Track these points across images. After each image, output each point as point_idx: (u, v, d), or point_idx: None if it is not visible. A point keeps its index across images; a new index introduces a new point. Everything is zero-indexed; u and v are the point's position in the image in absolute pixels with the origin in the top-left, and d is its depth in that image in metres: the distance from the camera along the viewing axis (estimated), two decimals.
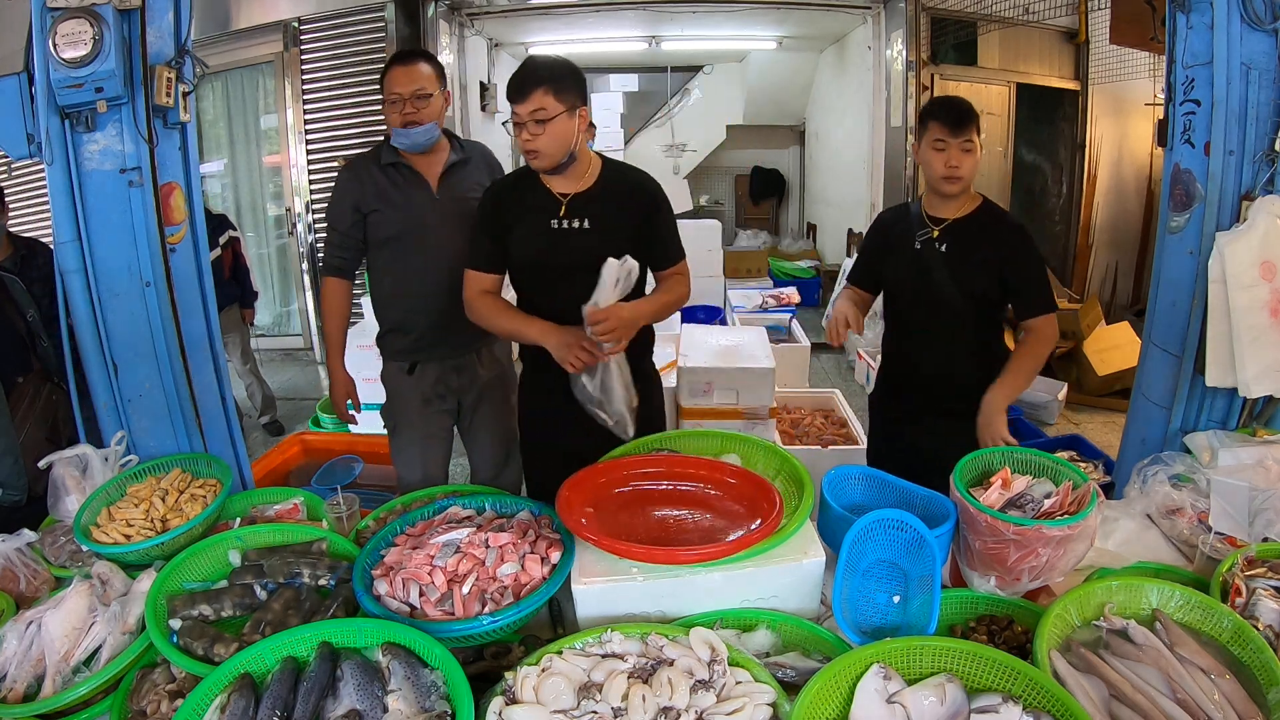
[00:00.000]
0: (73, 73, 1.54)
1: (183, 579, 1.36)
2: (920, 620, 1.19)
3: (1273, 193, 1.70)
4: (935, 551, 1.24)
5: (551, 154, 1.64)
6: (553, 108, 1.59)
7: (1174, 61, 1.83)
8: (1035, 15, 5.30)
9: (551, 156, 1.64)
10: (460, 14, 5.63)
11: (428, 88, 1.94)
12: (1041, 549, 1.26)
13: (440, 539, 1.33)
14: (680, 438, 1.72)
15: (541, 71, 1.60)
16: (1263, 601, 1.24)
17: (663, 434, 1.76)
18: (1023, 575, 1.29)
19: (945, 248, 1.88)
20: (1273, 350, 1.74)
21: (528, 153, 1.64)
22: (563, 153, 1.65)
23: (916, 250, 1.92)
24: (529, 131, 1.61)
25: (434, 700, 1.02)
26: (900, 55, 5.22)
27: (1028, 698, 1.00)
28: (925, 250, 1.91)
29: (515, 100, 1.61)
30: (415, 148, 1.98)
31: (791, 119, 8.31)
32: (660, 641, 1.13)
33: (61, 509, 1.56)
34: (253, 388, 4.27)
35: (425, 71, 1.96)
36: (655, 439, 1.70)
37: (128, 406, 1.76)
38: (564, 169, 1.70)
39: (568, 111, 1.61)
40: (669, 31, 6.57)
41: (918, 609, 1.22)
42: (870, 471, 1.57)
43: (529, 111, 1.60)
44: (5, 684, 1.18)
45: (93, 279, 1.67)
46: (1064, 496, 1.34)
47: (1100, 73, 5.36)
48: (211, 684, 1.05)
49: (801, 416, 3.50)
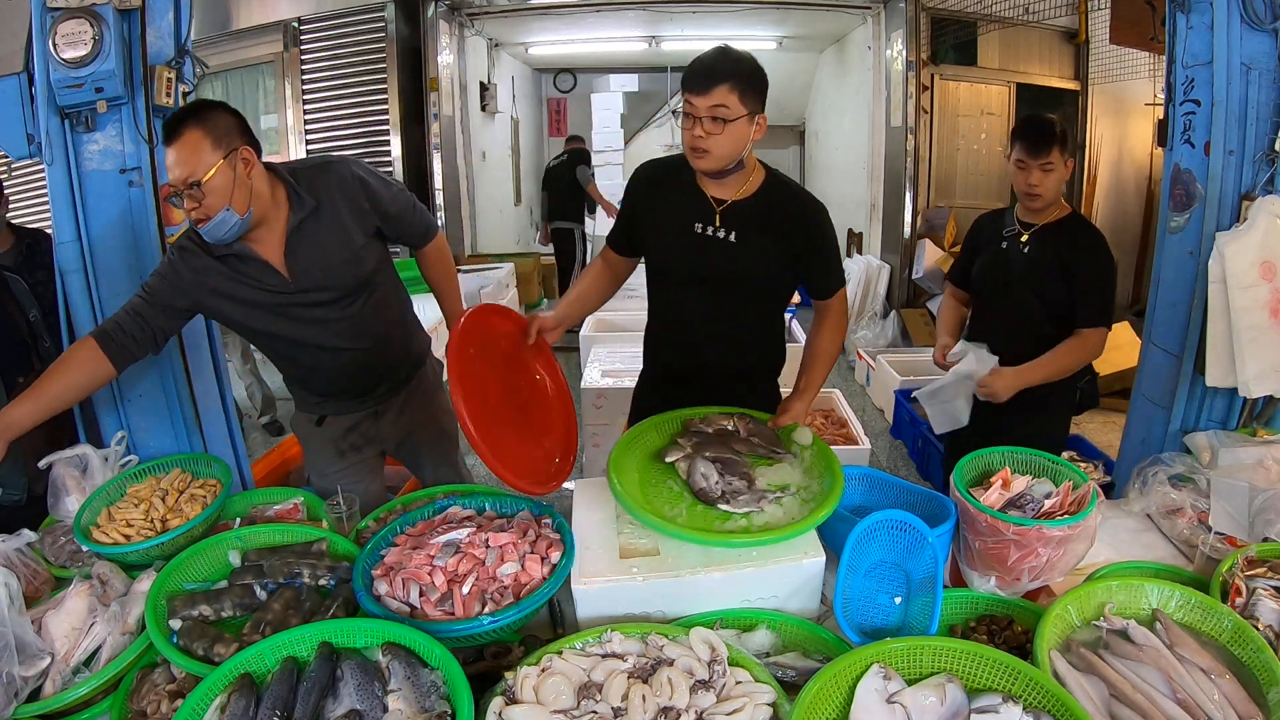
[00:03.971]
0: (73, 73, 1.54)
1: (183, 579, 1.36)
2: (921, 621, 1.19)
3: (1273, 193, 1.70)
4: (937, 552, 1.24)
5: (721, 157, 1.50)
6: (735, 109, 1.45)
7: (1174, 61, 1.83)
8: (1035, 15, 5.30)
9: (720, 160, 1.50)
10: (460, 14, 5.64)
11: (199, 170, 1.39)
12: (1041, 549, 1.26)
13: (440, 539, 1.32)
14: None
15: (732, 66, 1.45)
16: (1263, 601, 1.24)
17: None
18: (1023, 575, 1.29)
19: (1028, 250, 1.96)
20: (1273, 350, 1.74)
21: (694, 150, 1.50)
22: (733, 158, 1.52)
23: (1002, 249, 2.01)
24: (703, 128, 1.46)
25: (434, 700, 1.02)
26: (900, 55, 5.22)
27: (1028, 698, 1.00)
28: (1010, 250, 1.99)
29: (695, 91, 1.45)
30: (222, 242, 1.50)
31: (791, 119, 8.32)
32: (660, 641, 1.13)
33: (61, 509, 1.56)
34: (253, 388, 4.27)
35: (195, 145, 1.40)
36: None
37: (128, 406, 1.76)
38: (726, 174, 1.58)
39: (748, 117, 1.48)
40: (669, 31, 6.58)
41: (919, 610, 1.22)
42: (870, 471, 1.57)
43: (708, 106, 1.44)
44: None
45: (93, 279, 1.67)
46: (1064, 496, 1.34)
47: (1100, 73, 5.36)
48: (211, 684, 1.05)
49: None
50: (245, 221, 1.48)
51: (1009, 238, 2.00)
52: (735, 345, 1.73)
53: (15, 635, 1.17)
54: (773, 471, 1.47)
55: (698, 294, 1.68)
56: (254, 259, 1.55)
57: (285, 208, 1.55)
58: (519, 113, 7.93)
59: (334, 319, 1.65)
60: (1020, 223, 2.00)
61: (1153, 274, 1.98)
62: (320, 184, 1.58)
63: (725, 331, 1.71)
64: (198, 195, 1.41)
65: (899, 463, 3.77)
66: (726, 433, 1.56)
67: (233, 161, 1.43)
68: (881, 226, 5.89)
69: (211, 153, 1.41)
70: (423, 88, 5.42)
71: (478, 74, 6.28)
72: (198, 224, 1.45)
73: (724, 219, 1.61)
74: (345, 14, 5.08)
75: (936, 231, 5.43)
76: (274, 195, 1.54)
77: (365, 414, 1.86)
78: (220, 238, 1.47)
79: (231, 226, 1.46)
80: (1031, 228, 1.97)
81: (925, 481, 3.40)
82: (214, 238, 1.47)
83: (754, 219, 1.61)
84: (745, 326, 1.72)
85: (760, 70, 1.52)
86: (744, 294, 1.66)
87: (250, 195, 1.47)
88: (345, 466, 1.87)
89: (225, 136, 1.43)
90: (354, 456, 1.88)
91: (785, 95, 7.86)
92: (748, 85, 1.46)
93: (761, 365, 1.79)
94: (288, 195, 1.55)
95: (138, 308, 1.52)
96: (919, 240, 5.44)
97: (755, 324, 1.74)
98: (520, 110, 7.99)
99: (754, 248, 1.61)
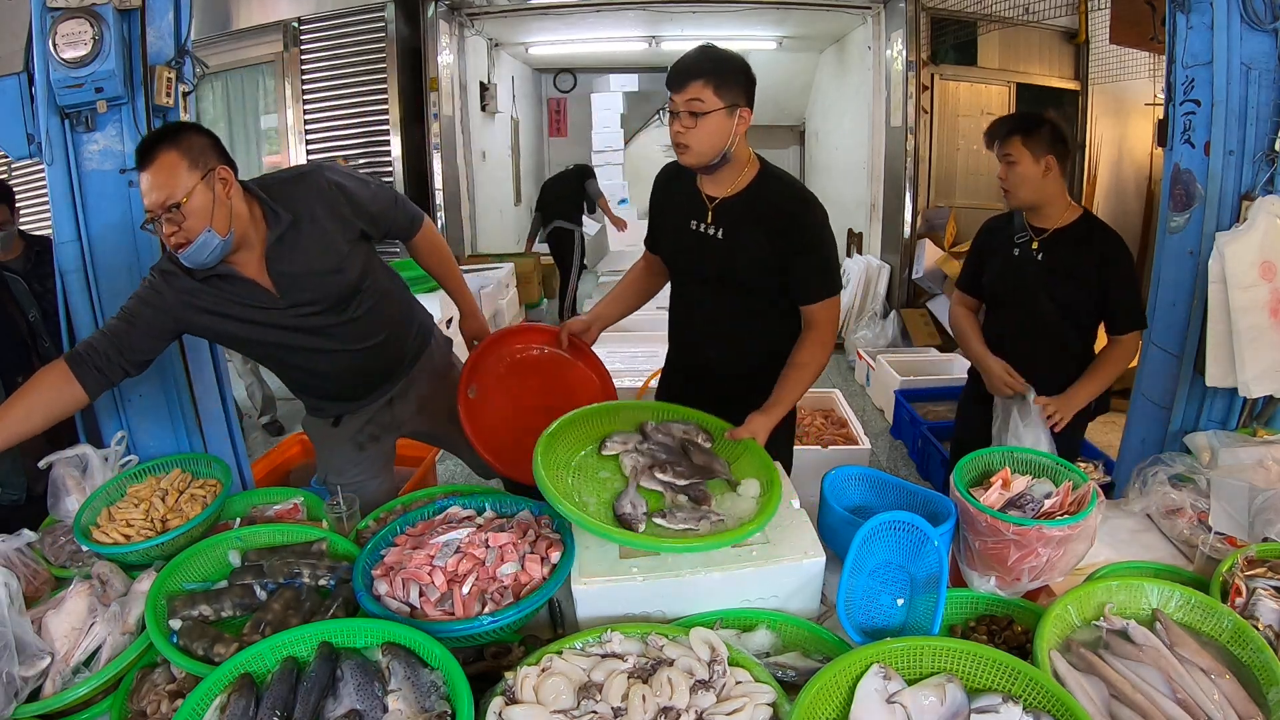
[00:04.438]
0: (73, 73, 1.54)
1: (183, 579, 1.36)
2: (924, 622, 1.19)
3: (1273, 193, 1.70)
4: (942, 554, 1.24)
5: (700, 151, 1.53)
6: (710, 102, 1.48)
7: (1174, 61, 1.83)
8: (1035, 15, 5.29)
9: (700, 154, 1.53)
10: (460, 14, 5.64)
11: (176, 192, 1.36)
12: (1041, 549, 1.26)
13: (440, 539, 1.32)
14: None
15: (705, 62, 1.49)
16: (1263, 601, 1.24)
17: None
18: (1023, 575, 1.29)
19: (1042, 257, 1.89)
20: (1273, 350, 1.74)
21: (677, 146, 1.54)
22: (714, 153, 1.53)
23: (1015, 257, 1.94)
24: (681, 124, 1.51)
25: (434, 700, 1.02)
26: (900, 55, 5.22)
27: (1028, 698, 1.00)
28: (1023, 257, 1.92)
29: (672, 88, 1.51)
30: (204, 266, 1.47)
31: (791, 119, 8.32)
32: (660, 641, 1.13)
33: (61, 509, 1.56)
34: (253, 388, 4.27)
35: (171, 167, 1.37)
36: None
37: (128, 406, 1.76)
38: (714, 170, 1.59)
39: (726, 109, 1.49)
40: (669, 31, 6.58)
41: (922, 610, 1.22)
42: (869, 472, 1.57)
43: (684, 101, 1.49)
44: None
45: (93, 279, 1.67)
46: (1064, 496, 1.34)
47: (1100, 73, 5.35)
48: (211, 684, 1.05)
49: (802, 417, 3.50)
50: (227, 243, 1.44)
51: (1021, 244, 1.93)
52: (735, 345, 1.72)
53: (15, 635, 1.17)
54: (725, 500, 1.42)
55: (698, 292, 1.70)
56: (239, 278, 1.52)
57: (262, 224, 1.52)
58: (519, 113, 7.93)
59: (331, 325, 1.63)
60: (1031, 228, 1.92)
61: (1153, 274, 1.98)
62: (296, 196, 1.54)
63: (725, 331, 1.71)
64: (177, 218, 1.36)
65: (899, 463, 3.77)
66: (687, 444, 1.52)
67: (210, 182, 1.40)
68: (881, 226, 5.89)
69: (189, 174, 1.37)
70: (423, 88, 5.42)
71: (478, 74, 6.28)
72: (178, 249, 1.40)
73: (715, 216, 1.62)
74: (345, 14, 5.08)
75: (936, 231, 5.42)
76: (250, 213, 1.50)
77: (379, 404, 1.85)
78: (202, 262, 1.43)
79: (213, 249, 1.42)
80: (1043, 233, 1.90)
81: (925, 481, 3.40)
82: (195, 262, 1.43)
83: (744, 215, 1.60)
84: (744, 326, 1.70)
85: (739, 65, 1.52)
86: (737, 293, 1.66)
87: (230, 216, 1.43)
88: (366, 459, 1.86)
89: (201, 156, 1.39)
90: (373, 448, 1.88)
91: (785, 95, 7.85)
92: (723, 79, 1.48)
93: (767, 368, 1.66)
94: (263, 212, 1.52)
95: (115, 330, 1.47)
96: (919, 240, 5.44)
97: (755, 324, 1.70)
98: (520, 110, 7.99)
99: (743, 245, 1.60)
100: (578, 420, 1.54)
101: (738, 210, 1.61)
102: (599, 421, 1.57)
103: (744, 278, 1.63)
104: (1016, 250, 1.94)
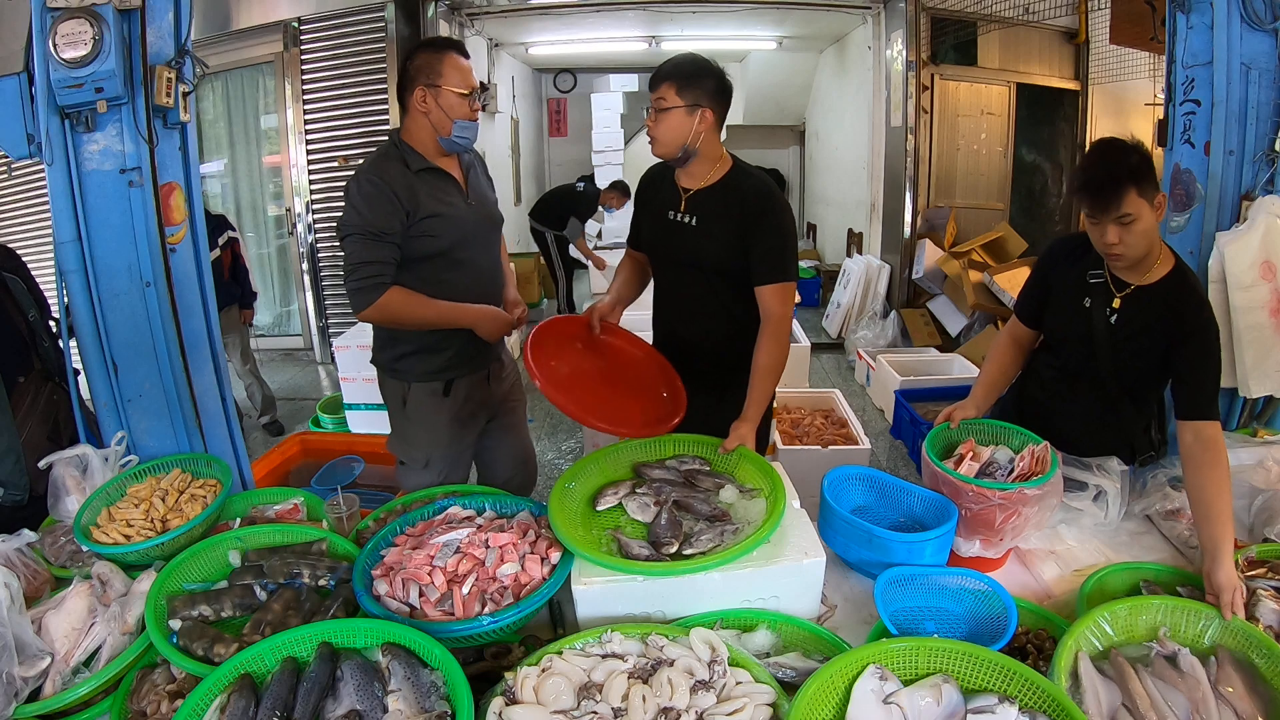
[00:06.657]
0: (73, 73, 1.54)
1: (183, 579, 1.36)
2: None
3: (1273, 193, 1.70)
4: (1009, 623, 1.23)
5: (664, 143, 1.71)
6: (671, 100, 1.66)
7: (1174, 61, 1.83)
8: (1035, 15, 5.29)
9: (664, 145, 1.71)
10: (460, 14, 5.64)
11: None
12: (1023, 509, 1.38)
13: (440, 539, 1.33)
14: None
15: (674, 67, 1.68)
16: (1263, 602, 1.24)
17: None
18: (1005, 534, 1.42)
19: (1116, 320, 1.56)
20: (1273, 350, 1.74)
21: (648, 139, 1.74)
22: (675, 146, 1.70)
23: (1084, 308, 1.60)
24: (650, 118, 1.71)
25: (434, 700, 1.02)
26: (900, 55, 5.22)
27: (1024, 698, 1.00)
28: (1094, 312, 1.58)
29: (650, 89, 1.73)
30: (469, 144, 1.87)
31: (791, 119, 8.31)
32: (660, 641, 1.13)
33: (62, 509, 1.56)
34: (253, 388, 4.27)
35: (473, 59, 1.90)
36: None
37: (128, 406, 1.76)
38: (684, 163, 1.75)
39: (687, 108, 1.67)
40: (669, 31, 6.57)
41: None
42: (870, 472, 1.57)
43: (654, 99, 1.70)
44: None
45: (93, 279, 1.67)
46: (1030, 459, 1.46)
47: (1100, 73, 5.36)
48: (211, 684, 1.05)
49: (802, 417, 3.50)
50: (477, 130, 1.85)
51: (1096, 295, 1.58)
52: (711, 329, 1.84)
53: (15, 635, 1.17)
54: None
55: (674, 277, 1.88)
56: (445, 174, 1.85)
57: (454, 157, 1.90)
58: (519, 113, 7.93)
59: (494, 242, 1.99)
60: (1112, 277, 1.57)
61: None
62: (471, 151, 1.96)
63: (700, 313, 1.85)
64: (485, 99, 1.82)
65: (899, 463, 3.77)
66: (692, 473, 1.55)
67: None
68: (881, 226, 5.89)
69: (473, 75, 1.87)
70: None
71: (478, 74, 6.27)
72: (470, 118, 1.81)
73: (688, 205, 1.78)
74: (345, 14, 5.07)
75: (936, 231, 5.43)
76: None
77: (480, 377, 1.99)
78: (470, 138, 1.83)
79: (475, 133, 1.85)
80: (1125, 288, 1.55)
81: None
82: (467, 137, 1.82)
83: (714, 205, 1.75)
84: (717, 309, 1.82)
85: (708, 71, 1.68)
86: (709, 277, 1.79)
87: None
88: (461, 437, 1.98)
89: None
90: (472, 427, 2.01)
91: (785, 95, 7.85)
92: (686, 81, 1.66)
93: (743, 351, 1.75)
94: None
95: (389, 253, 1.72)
96: (919, 240, 5.44)
97: (728, 308, 1.81)
98: (520, 110, 7.99)
99: (712, 232, 1.75)
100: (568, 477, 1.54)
101: (710, 201, 1.76)
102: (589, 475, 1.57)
103: (715, 261, 1.76)
104: (1087, 300, 1.59)
